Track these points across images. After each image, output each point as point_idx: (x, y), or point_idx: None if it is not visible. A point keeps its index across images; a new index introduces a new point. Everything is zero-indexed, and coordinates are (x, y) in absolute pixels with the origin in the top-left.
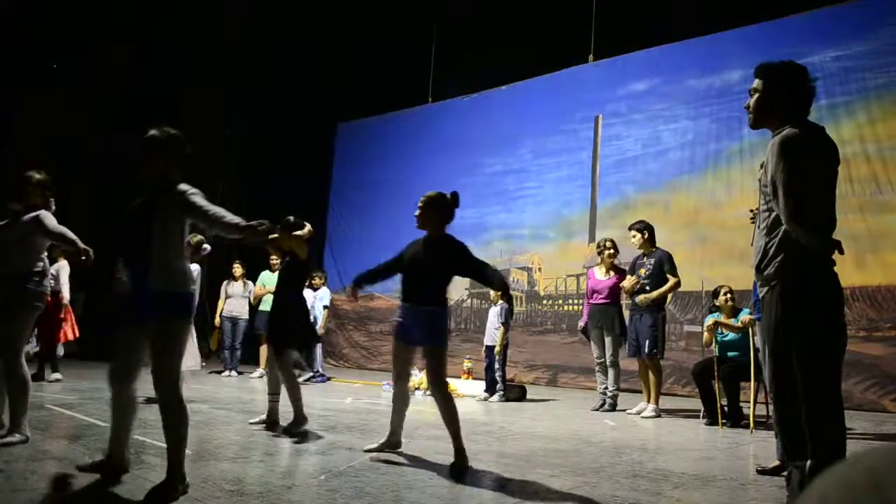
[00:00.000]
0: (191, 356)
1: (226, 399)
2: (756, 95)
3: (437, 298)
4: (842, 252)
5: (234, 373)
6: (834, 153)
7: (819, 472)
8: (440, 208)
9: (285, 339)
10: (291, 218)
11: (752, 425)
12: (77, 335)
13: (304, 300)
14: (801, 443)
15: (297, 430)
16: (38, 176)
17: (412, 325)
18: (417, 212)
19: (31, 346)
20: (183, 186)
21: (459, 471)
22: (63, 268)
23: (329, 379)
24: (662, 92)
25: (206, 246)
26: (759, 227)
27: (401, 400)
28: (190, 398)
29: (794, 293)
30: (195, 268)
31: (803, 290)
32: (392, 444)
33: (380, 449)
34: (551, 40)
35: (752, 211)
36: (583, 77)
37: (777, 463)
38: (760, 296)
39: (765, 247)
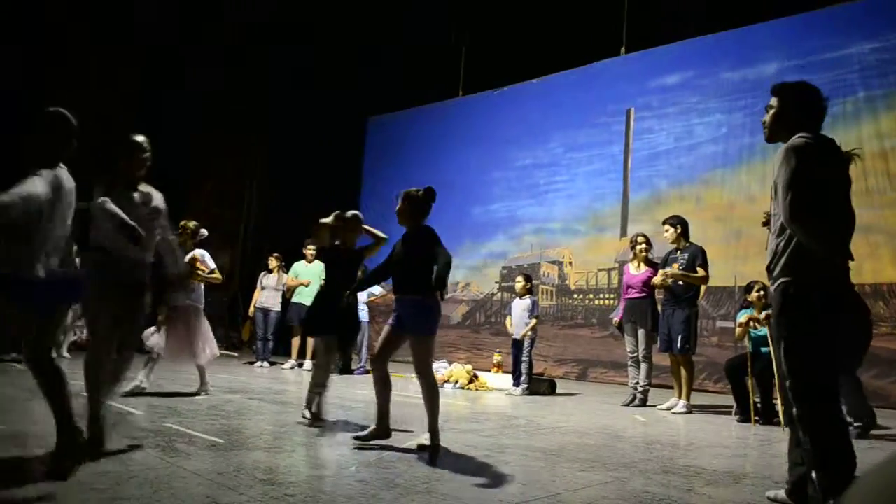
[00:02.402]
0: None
1: (258, 389)
2: (772, 111)
3: (422, 288)
4: (850, 259)
5: (265, 363)
6: (841, 159)
7: (823, 483)
8: (412, 204)
9: (350, 334)
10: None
11: (783, 422)
12: None
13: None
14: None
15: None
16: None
17: (404, 316)
18: (397, 208)
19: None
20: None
21: (432, 452)
22: None
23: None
24: (695, 85)
25: (203, 231)
26: (771, 230)
27: (382, 383)
28: (227, 388)
29: (790, 294)
30: (201, 252)
31: (798, 291)
32: (382, 431)
33: (369, 437)
34: (583, 33)
35: (765, 214)
36: (614, 70)
37: None
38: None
39: (775, 248)
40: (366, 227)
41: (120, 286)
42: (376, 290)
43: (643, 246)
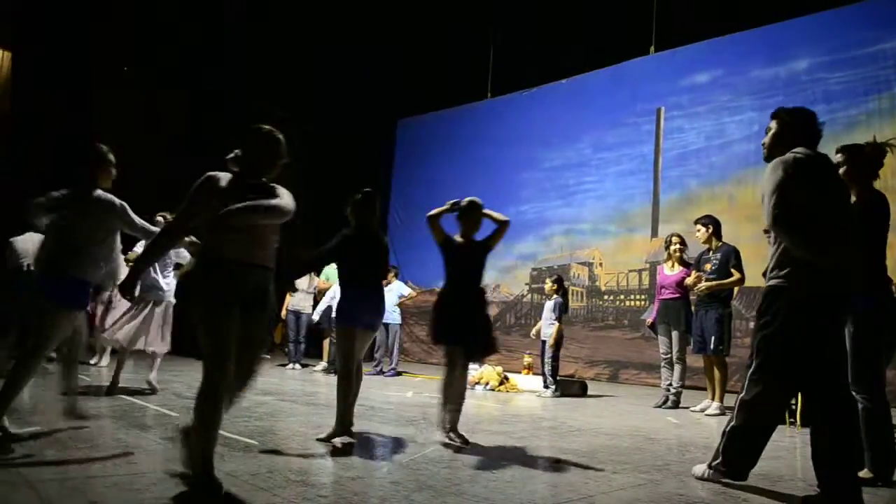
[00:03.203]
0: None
1: (290, 391)
2: (771, 132)
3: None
4: (835, 264)
5: (297, 366)
6: (831, 173)
7: (724, 445)
8: (352, 206)
9: (481, 344)
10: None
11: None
12: None
13: None
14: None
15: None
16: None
17: None
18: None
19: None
20: None
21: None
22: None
23: (400, 373)
24: (726, 83)
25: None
26: (770, 239)
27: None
28: (260, 390)
29: (772, 294)
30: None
31: (779, 293)
32: (345, 429)
33: (330, 437)
34: (611, 33)
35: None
36: (644, 69)
37: None
38: None
39: (772, 255)
40: (486, 211)
41: (239, 299)
42: (405, 290)
43: (677, 246)
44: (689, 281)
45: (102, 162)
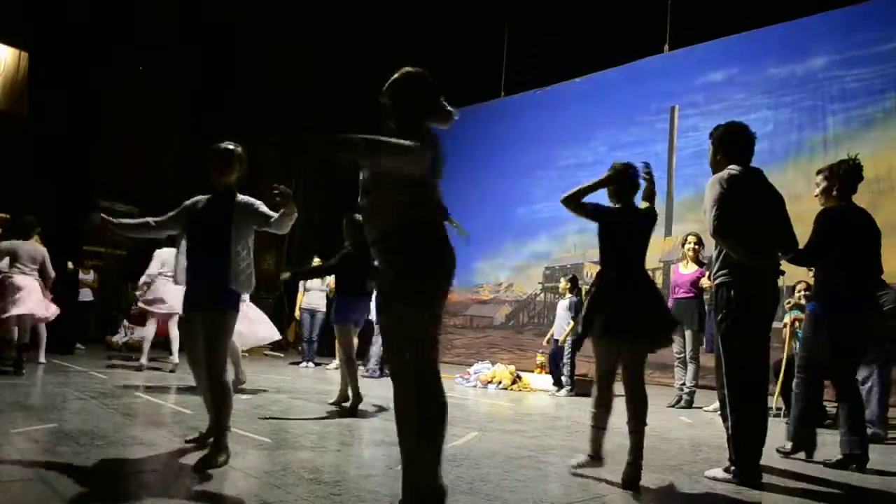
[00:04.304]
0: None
1: (303, 389)
2: (710, 149)
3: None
4: (776, 265)
5: (310, 364)
6: (764, 188)
7: (739, 453)
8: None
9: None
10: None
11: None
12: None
13: None
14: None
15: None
16: None
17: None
18: None
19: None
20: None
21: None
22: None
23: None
24: (741, 81)
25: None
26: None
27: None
28: (274, 388)
29: (720, 292)
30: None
31: (725, 290)
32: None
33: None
34: (626, 31)
35: None
36: (658, 68)
37: (840, 456)
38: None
39: (715, 258)
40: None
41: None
42: None
43: (693, 245)
44: (704, 283)
45: (228, 163)
